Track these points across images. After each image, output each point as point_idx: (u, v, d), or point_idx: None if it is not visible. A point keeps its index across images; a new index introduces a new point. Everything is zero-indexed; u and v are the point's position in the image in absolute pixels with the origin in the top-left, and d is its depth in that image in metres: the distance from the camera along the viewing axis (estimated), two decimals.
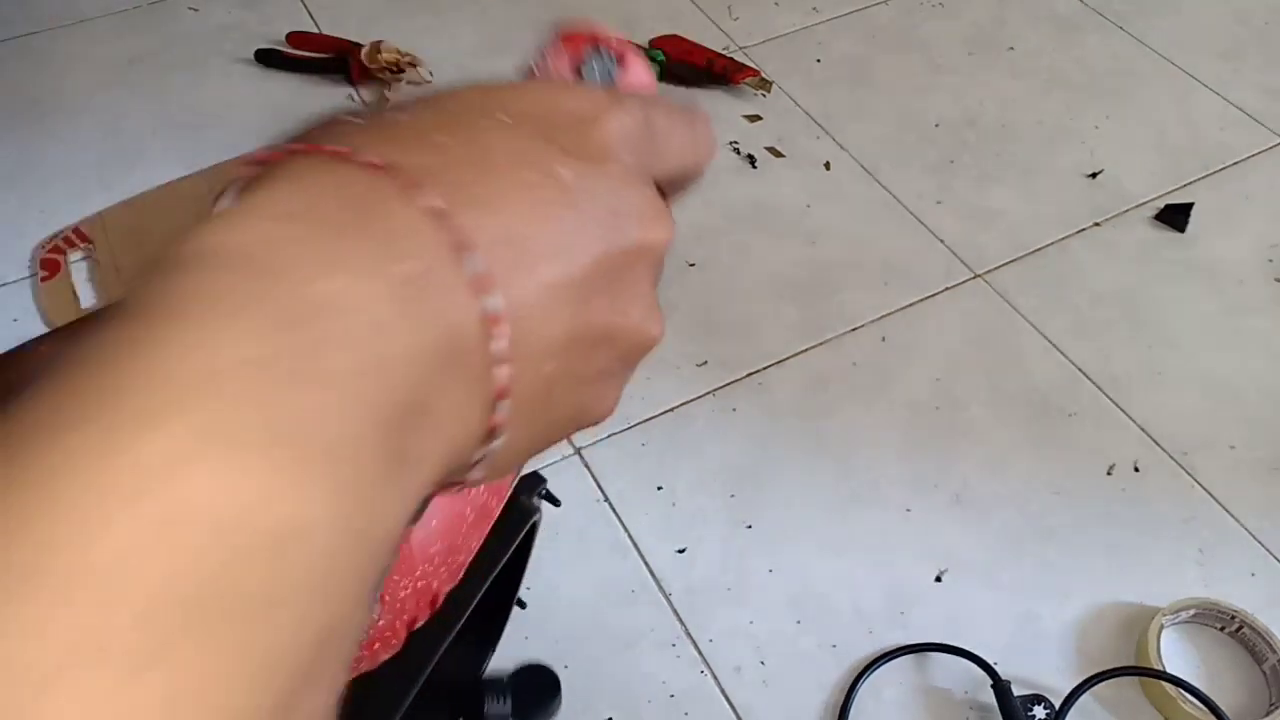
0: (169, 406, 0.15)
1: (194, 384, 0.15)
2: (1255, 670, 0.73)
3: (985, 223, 1.03)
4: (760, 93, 1.14)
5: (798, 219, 1.03)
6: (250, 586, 0.14)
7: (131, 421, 0.15)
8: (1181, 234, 1.02)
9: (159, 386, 0.15)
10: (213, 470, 0.14)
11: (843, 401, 0.88)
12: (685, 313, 0.94)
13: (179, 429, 0.15)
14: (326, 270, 0.17)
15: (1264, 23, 1.27)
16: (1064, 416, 0.87)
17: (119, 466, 0.14)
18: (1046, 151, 1.11)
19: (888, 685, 0.72)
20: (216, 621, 0.14)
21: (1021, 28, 1.25)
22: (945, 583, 0.77)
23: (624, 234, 0.22)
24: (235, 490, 0.14)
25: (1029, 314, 0.95)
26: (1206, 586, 0.77)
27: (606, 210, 0.21)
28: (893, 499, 0.82)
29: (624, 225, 0.22)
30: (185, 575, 0.14)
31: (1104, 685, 0.70)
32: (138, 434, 0.14)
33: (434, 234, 0.18)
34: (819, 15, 1.26)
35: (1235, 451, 0.85)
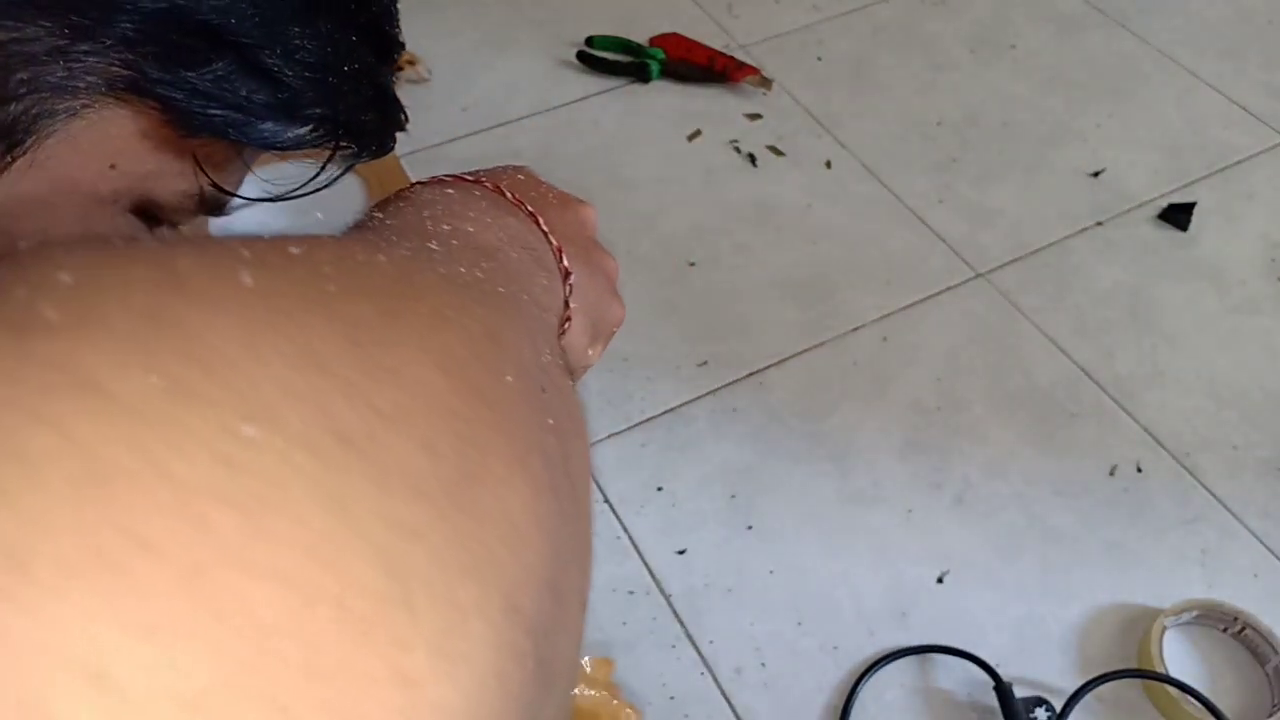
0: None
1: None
2: (1258, 671, 0.73)
3: (987, 222, 1.03)
4: (761, 91, 1.14)
5: (798, 218, 1.02)
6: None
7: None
8: (1184, 233, 1.02)
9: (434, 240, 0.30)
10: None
11: (843, 401, 0.87)
12: (685, 312, 0.94)
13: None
14: (494, 214, 0.35)
15: (1267, 21, 1.26)
16: (1066, 417, 0.87)
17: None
18: (1048, 150, 1.10)
19: (889, 687, 0.72)
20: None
21: (1023, 26, 1.25)
22: (947, 584, 0.77)
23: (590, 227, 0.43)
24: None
25: (1031, 313, 0.94)
26: (1209, 588, 0.77)
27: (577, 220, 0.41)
28: (894, 499, 0.81)
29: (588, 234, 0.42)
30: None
31: (1106, 687, 0.70)
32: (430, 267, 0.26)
33: (529, 218, 0.37)
34: (820, 13, 1.26)
35: (1238, 452, 0.85)
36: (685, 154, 1.09)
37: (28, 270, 0.16)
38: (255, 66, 0.34)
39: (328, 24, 0.36)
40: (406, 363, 0.19)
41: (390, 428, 0.17)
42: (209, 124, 0.34)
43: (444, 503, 0.17)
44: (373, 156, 0.41)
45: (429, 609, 0.16)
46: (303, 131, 0.37)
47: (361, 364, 0.18)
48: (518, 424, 0.21)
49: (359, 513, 0.15)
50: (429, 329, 0.20)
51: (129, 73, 0.33)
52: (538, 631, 0.18)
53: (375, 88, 0.39)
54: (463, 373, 0.20)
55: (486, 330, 0.23)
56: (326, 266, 0.20)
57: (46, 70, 0.31)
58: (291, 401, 0.16)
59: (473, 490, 0.18)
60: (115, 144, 0.34)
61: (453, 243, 0.30)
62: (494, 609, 0.17)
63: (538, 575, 0.19)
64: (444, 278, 0.24)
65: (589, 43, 1.19)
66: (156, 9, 0.32)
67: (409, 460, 0.17)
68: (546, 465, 0.21)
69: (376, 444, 0.16)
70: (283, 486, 0.15)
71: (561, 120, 1.12)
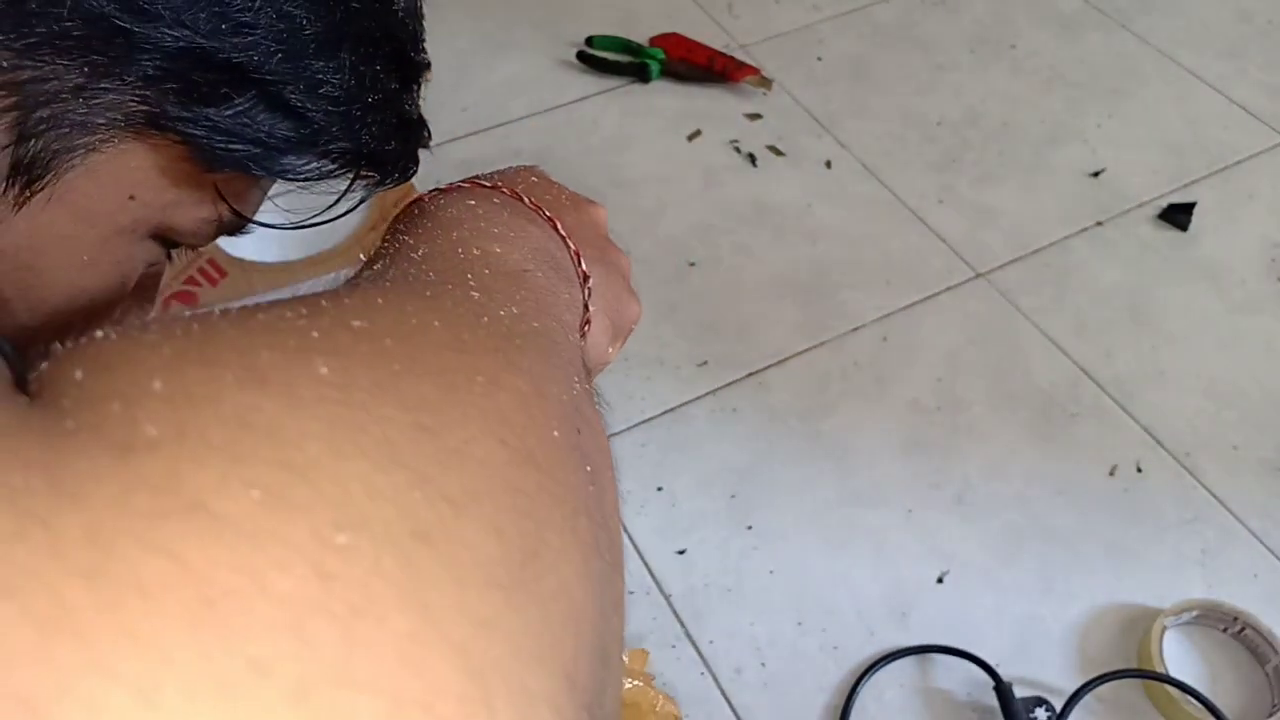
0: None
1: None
2: (1258, 671, 0.73)
3: (987, 222, 1.03)
4: (761, 91, 1.14)
5: (798, 218, 1.02)
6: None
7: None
8: (1184, 233, 1.02)
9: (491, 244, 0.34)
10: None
11: (844, 401, 0.87)
12: (685, 312, 0.94)
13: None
14: (515, 225, 0.36)
15: (1267, 21, 1.26)
16: (1066, 416, 0.87)
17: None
18: (1048, 150, 1.10)
19: (889, 687, 0.72)
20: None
21: (1023, 26, 1.25)
22: (947, 584, 0.77)
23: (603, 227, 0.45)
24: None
25: (1031, 313, 0.94)
26: (1209, 588, 0.77)
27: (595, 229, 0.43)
28: (894, 499, 0.81)
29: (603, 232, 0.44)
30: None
31: (1106, 687, 0.70)
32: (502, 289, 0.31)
33: (547, 223, 0.38)
34: (820, 13, 1.26)
35: (1238, 452, 0.85)
36: (685, 154, 1.09)
37: (118, 378, 0.17)
38: (278, 102, 0.34)
39: (352, 55, 0.35)
40: (469, 441, 0.20)
41: (461, 516, 0.18)
42: (231, 159, 0.34)
43: (512, 589, 0.18)
44: (395, 184, 0.40)
45: (505, 704, 0.17)
46: (325, 164, 0.37)
47: (432, 452, 0.19)
48: (565, 484, 0.22)
49: (440, 611, 0.16)
50: (484, 398, 0.22)
51: (149, 108, 0.32)
52: (592, 700, 0.20)
53: (398, 116, 0.38)
54: (519, 441, 0.21)
55: (533, 386, 0.24)
56: (388, 340, 0.21)
57: (67, 108, 0.31)
58: (376, 503, 0.17)
59: (534, 569, 0.19)
60: (135, 176, 0.34)
61: (485, 273, 0.31)
62: (558, 691, 0.18)
63: (590, 644, 0.20)
64: (490, 332, 0.26)
65: (589, 43, 1.19)
66: (178, 48, 0.31)
67: (480, 548, 0.18)
68: (590, 522, 0.23)
69: (450, 537, 0.18)
70: (373, 593, 0.16)
71: (561, 120, 1.12)
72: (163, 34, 0.31)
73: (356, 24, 0.35)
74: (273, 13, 0.32)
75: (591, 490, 0.24)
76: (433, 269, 0.31)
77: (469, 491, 0.19)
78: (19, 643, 0.13)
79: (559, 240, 0.38)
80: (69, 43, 0.30)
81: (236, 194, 0.38)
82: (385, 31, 0.36)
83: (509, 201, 0.38)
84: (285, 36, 0.33)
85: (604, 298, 0.39)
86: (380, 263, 0.32)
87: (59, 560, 0.14)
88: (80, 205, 0.33)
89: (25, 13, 0.29)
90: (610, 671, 0.22)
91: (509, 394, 0.23)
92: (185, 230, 0.37)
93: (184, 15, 0.31)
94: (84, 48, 0.30)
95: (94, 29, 0.30)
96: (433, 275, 0.30)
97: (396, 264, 0.31)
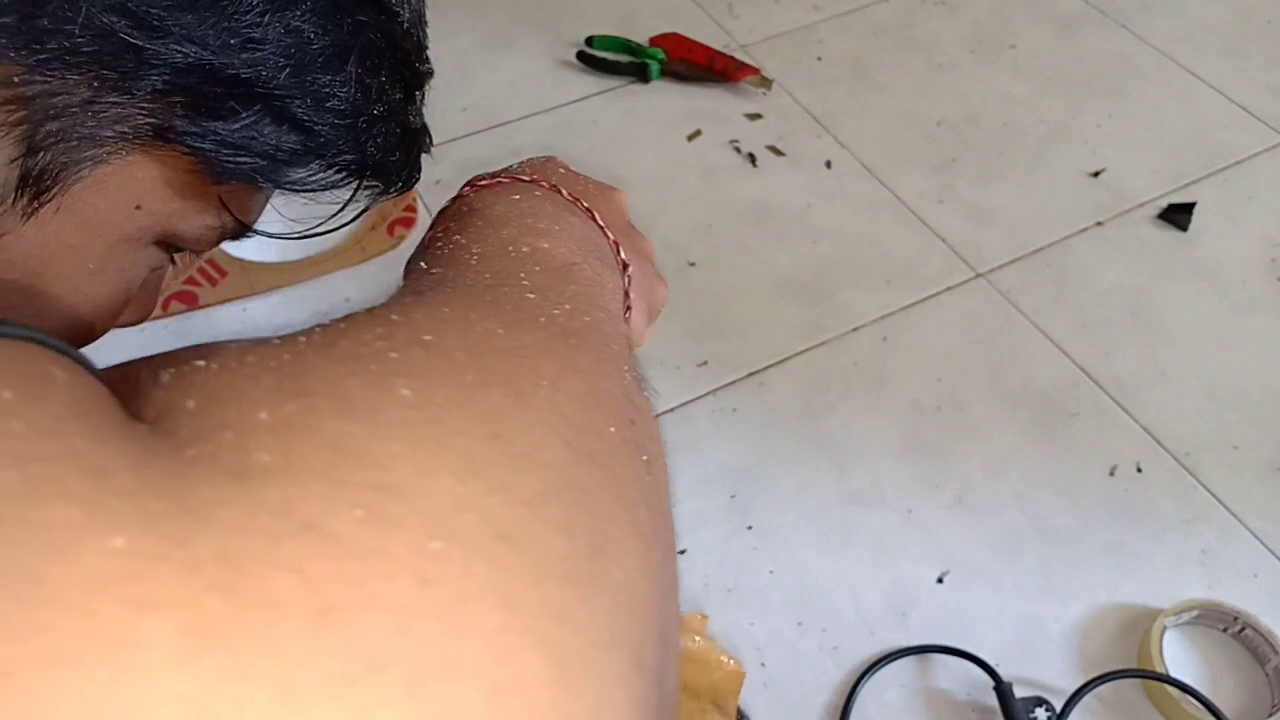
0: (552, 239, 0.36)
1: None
2: (1258, 671, 0.73)
3: (987, 222, 1.03)
4: (761, 91, 1.14)
5: (798, 218, 1.02)
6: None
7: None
8: (1184, 233, 1.02)
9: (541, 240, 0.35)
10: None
11: (843, 401, 0.87)
12: (685, 312, 0.94)
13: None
14: (559, 218, 0.38)
15: (1267, 21, 1.26)
16: (1066, 417, 0.87)
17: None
18: (1048, 150, 1.10)
19: (889, 687, 0.72)
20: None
21: (1023, 26, 1.25)
22: (947, 584, 0.77)
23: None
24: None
25: (1031, 314, 0.94)
26: (1209, 588, 0.77)
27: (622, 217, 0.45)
28: (894, 499, 0.81)
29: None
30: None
31: (1106, 687, 0.70)
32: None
33: (585, 214, 0.39)
34: (820, 13, 1.26)
35: (1238, 452, 0.85)
36: (685, 154, 1.09)
37: (227, 410, 0.19)
38: (285, 116, 0.34)
39: (358, 68, 0.35)
40: (536, 445, 0.22)
41: (535, 518, 0.20)
42: (237, 172, 0.34)
43: (583, 583, 0.20)
44: (399, 194, 0.41)
45: (584, 685, 0.19)
46: (331, 175, 0.37)
47: (505, 459, 0.21)
48: (623, 479, 0.24)
49: (524, 607, 0.19)
50: (547, 402, 0.24)
51: (156, 122, 0.32)
52: (658, 679, 0.22)
53: (402, 126, 0.38)
54: (580, 441, 0.23)
55: (590, 386, 0.26)
56: (458, 352, 0.23)
57: (76, 121, 0.31)
58: (461, 513, 0.19)
59: (601, 563, 0.21)
60: (141, 187, 0.34)
61: (536, 270, 0.32)
62: (629, 673, 0.20)
63: (653, 628, 0.22)
64: (548, 332, 0.28)
65: (589, 43, 1.19)
66: (187, 63, 0.31)
67: (553, 547, 0.20)
68: (650, 512, 0.25)
69: (527, 538, 0.20)
70: (465, 594, 0.18)
71: (561, 120, 1.12)
72: (171, 49, 0.31)
73: (363, 37, 0.35)
74: (281, 27, 0.32)
75: (648, 480, 0.26)
76: (488, 270, 0.32)
77: (540, 494, 0.21)
78: (176, 650, 0.15)
79: (599, 230, 0.39)
80: (79, 58, 0.30)
81: (240, 203, 0.38)
82: (391, 43, 0.36)
83: (549, 194, 0.39)
84: (293, 51, 0.33)
85: (639, 284, 0.41)
86: (438, 267, 0.33)
87: (198, 577, 0.16)
88: (87, 216, 0.34)
89: (37, 29, 0.29)
90: (670, 651, 0.23)
91: (568, 396, 0.24)
92: (189, 237, 0.37)
93: (193, 31, 0.31)
94: (93, 62, 0.30)
95: (104, 44, 0.30)
96: (488, 276, 0.31)
97: (454, 267, 0.32)
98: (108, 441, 0.18)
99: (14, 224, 0.32)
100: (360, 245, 0.96)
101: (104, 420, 0.19)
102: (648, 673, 0.21)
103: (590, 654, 0.19)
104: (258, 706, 0.15)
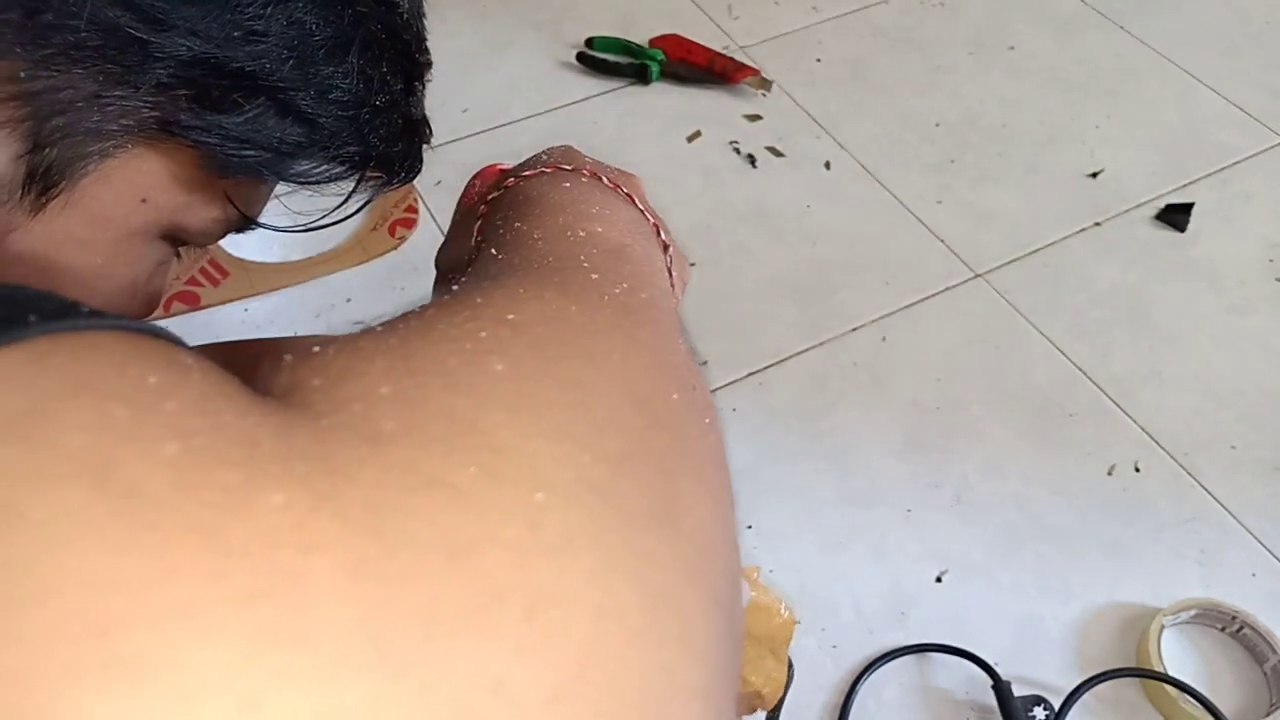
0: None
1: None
2: (1256, 671, 0.73)
3: (985, 222, 1.03)
4: (760, 92, 1.14)
5: (798, 219, 1.03)
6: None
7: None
8: (1182, 234, 1.02)
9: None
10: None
11: (843, 401, 0.88)
12: (685, 312, 0.94)
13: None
14: (607, 203, 0.39)
15: (1265, 21, 1.27)
16: (1064, 416, 0.87)
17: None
18: (1047, 151, 1.10)
19: (888, 685, 0.72)
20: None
21: (1022, 27, 1.25)
22: (946, 583, 0.77)
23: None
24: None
25: (1029, 314, 0.95)
26: (1207, 587, 0.77)
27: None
28: (893, 499, 0.81)
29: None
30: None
31: (1104, 686, 0.70)
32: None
33: (626, 199, 0.42)
34: (819, 15, 1.26)
35: (1236, 451, 0.85)
36: (685, 155, 1.09)
37: (351, 386, 0.22)
38: (289, 108, 0.34)
39: (359, 60, 0.35)
40: (614, 410, 0.25)
41: (618, 474, 0.23)
42: (242, 165, 0.35)
43: (663, 529, 0.23)
44: (401, 184, 0.41)
45: (670, 615, 0.21)
46: (334, 167, 0.37)
47: (590, 423, 0.24)
48: (689, 439, 0.27)
49: (615, 548, 0.21)
50: (619, 373, 0.26)
51: (161, 115, 0.33)
52: (730, 615, 0.25)
53: (403, 117, 0.39)
54: (649, 407, 0.26)
55: (653, 357, 0.29)
56: (539, 328, 0.26)
57: (81, 116, 0.32)
58: (557, 469, 0.22)
59: (676, 513, 0.24)
60: (147, 180, 0.35)
61: (594, 253, 0.34)
62: (707, 607, 0.23)
63: (723, 569, 0.25)
64: (612, 309, 0.30)
65: (589, 44, 1.19)
66: (191, 57, 0.31)
67: (635, 498, 0.23)
68: (713, 469, 0.28)
69: (613, 490, 0.22)
70: (568, 535, 0.20)
71: (562, 121, 1.12)
72: (176, 43, 0.31)
73: (364, 28, 0.35)
74: (283, 20, 0.33)
75: (711, 439, 0.29)
76: (550, 253, 0.34)
77: (620, 453, 0.24)
78: (338, 585, 0.17)
79: (640, 213, 0.41)
80: (84, 52, 0.30)
81: (244, 196, 0.38)
82: (391, 34, 0.37)
83: (593, 181, 0.41)
84: (295, 43, 0.33)
85: (677, 262, 0.43)
86: (504, 253, 0.34)
87: (349, 524, 0.18)
88: (94, 210, 0.34)
89: (42, 24, 0.29)
90: (737, 591, 0.26)
91: (636, 367, 0.27)
92: (195, 231, 0.38)
93: (197, 24, 0.31)
94: (98, 57, 0.31)
95: (109, 39, 0.30)
96: (552, 260, 0.33)
97: (519, 252, 0.34)
98: (250, 415, 0.20)
99: (22, 220, 0.33)
100: (361, 246, 0.96)
101: (241, 397, 0.21)
102: (722, 607, 0.24)
103: (673, 589, 0.22)
104: (406, 630, 0.18)
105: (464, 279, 0.32)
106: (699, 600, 0.22)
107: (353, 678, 0.17)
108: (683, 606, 0.22)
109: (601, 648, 0.20)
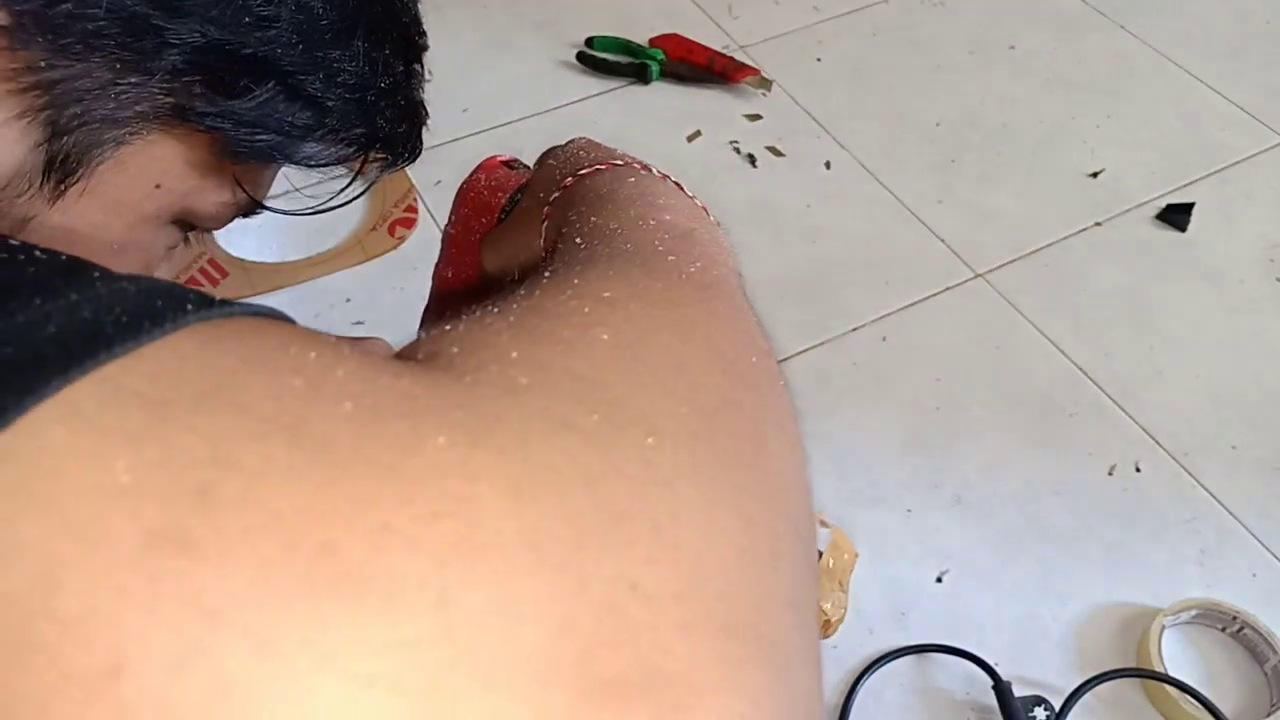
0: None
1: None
2: (1257, 671, 0.73)
3: (986, 222, 1.03)
4: (761, 92, 1.14)
5: (798, 218, 1.03)
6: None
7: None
8: (1183, 234, 1.02)
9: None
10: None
11: (843, 401, 0.88)
12: None
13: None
14: (666, 193, 0.42)
15: (1265, 21, 1.27)
16: (1065, 416, 0.87)
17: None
18: (1047, 151, 1.10)
19: (888, 686, 0.72)
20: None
21: (1022, 27, 1.25)
22: (946, 583, 0.77)
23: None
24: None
25: (1030, 314, 0.95)
26: (1208, 587, 0.77)
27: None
28: (893, 499, 0.81)
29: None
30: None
31: (1105, 686, 0.70)
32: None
33: (678, 189, 0.43)
34: (819, 14, 1.26)
35: (1237, 451, 0.85)
36: (685, 154, 1.09)
37: (485, 351, 0.26)
38: (298, 92, 0.35)
39: (364, 43, 0.36)
40: (705, 371, 0.28)
41: (714, 423, 0.26)
42: (254, 149, 0.35)
43: (753, 470, 0.26)
44: (405, 165, 0.43)
45: (764, 538, 0.25)
46: (342, 149, 0.38)
47: (686, 381, 0.27)
48: (769, 395, 0.30)
49: (716, 484, 0.24)
50: (705, 339, 0.30)
51: (175, 101, 0.33)
52: (809, 545, 0.28)
53: (406, 98, 0.40)
54: (734, 369, 0.29)
55: (731, 326, 0.31)
56: (632, 304, 0.30)
57: (96, 103, 0.32)
58: (664, 419, 0.25)
59: (763, 457, 0.27)
60: (161, 166, 0.35)
61: (666, 238, 0.36)
62: (790, 532, 0.26)
63: (802, 505, 0.28)
64: (691, 286, 0.33)
65: (589, 44, 1.19)
66: (204, 43, 0.32)
67: (728, 444, 0.26)
68: (791, 420, 0.31)
69: (710, 436, 0.26)
70: (677, 471, 0.24)
71: (562, 121, 1.12)
72: (190, 29, 0.32)
73: (367, 11, 0.36)
74: (292, 5, 0.34)
75: (787, 397, 0.32)
76: (629, 240, 0.36)
77: (713, 406, 0.27)
78: (503, 504, 0.21)
79: (693, 200, 0.43)
80: (101, 40, 0.31)
81: (252, 179, 0.39)
82: (392, 16, 0.38)
83: (649, 174, 0.44)
84: (304, 28, 0.34)
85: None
86: (585, 243, 0.37)
87: (504, 457, 0.22)
88: (110, 196, 0.35)
89: (61, 14, 0.30)
90: (812, 525, 0.30)
91: (718, 334, 0.30)
92: (205, 215, 0.39)
93: (210, 11, 0.32)
94: (115, 45, 0.31)
95: (126, 26, 0.31)
96: (629, 246, 0.35)
97: (600, 242, 0.36)
98: (404, 377, 0.23)
99: (40, 208, 0.33)
100: (361, 245, 0.96)
101: (391, 364, 0.24)
102: (803, 538, 0.27)
103: (764, 518, 0.25)
104: (558, 540, 0.20)
105: (553, 266, 0.34)
106: (785, 527, 0.26)
107: (521, 578, 0.20)
108: (773, 531, 0.25)
109: (712, 559, 0.22)
